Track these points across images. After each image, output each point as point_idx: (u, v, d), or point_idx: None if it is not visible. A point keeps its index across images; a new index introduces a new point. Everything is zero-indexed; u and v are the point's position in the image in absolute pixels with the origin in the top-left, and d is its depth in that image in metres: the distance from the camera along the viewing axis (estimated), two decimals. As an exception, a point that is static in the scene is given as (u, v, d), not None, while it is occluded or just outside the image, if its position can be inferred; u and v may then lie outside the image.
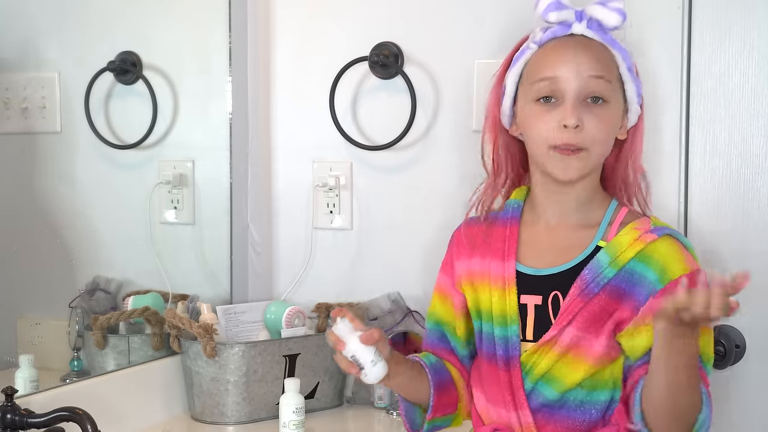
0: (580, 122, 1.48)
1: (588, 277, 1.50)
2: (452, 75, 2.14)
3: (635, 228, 1.52)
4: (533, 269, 1.55)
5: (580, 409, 1.50)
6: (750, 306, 1.89)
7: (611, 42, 1.54)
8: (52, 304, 1.94)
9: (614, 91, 1.52)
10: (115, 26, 2.08)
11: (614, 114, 1.53)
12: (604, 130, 1.50)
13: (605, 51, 1.53)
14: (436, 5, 2.15)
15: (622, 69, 1.54)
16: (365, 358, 1.46)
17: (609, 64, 1.52)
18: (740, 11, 1.88)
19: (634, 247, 1.49)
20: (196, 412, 2.04)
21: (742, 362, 1.90)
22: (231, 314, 2.13)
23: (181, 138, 2.20)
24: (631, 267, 1.49)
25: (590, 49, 1.52)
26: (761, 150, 1.88)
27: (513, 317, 1.53)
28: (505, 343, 1.54)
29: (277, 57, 2.31)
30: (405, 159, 2.20)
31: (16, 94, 1.87)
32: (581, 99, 1.49)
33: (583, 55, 1.50)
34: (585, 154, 1.50)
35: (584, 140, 1.49)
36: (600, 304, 1.49)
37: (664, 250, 1.50)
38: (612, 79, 1.52)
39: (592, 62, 1.50)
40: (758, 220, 1.88)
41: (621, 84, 1.55)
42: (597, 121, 1.49)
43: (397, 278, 2.20)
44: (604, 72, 1.50)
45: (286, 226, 2.32)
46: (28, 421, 1.49)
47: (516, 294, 1.54)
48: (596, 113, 1.50)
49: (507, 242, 1.58)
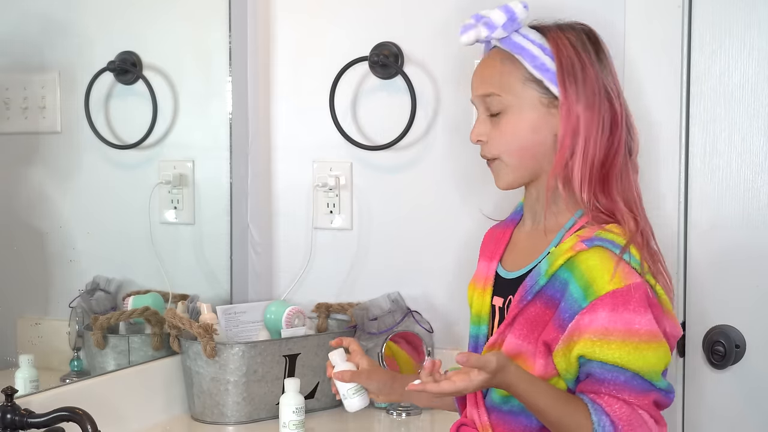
0: (482, 136, 1.55)
1: (528, 283, 1.48)
2: (452, 75, 2.14)
3: (578, 235, 1.47)
4: (505, 272, 1.57)
5: (524, 414, 1.47)
6: (750, 306, 1.90)
7: (513, 46, 1.52)
8: (52, 304, 1.94)
9: (512, 98, 1.51)
10: (115, 26, 2.08)
11: (515, 121, 1.52)
12: (503, 140, 1.53)
13: (503, 59, 1.53)
14: (436, 5, 2.15)
15: (530, 69, 1.51)
16: (343, 389, 1.64)
17: (502, 73, 1.52)
18: (740, 11, 1.88)
19: (566, 254, 1.45)
20: (196, 412, 2.04)
21: (742, 362, 1.90)
22: (231, 314, 2.13)
23: (181, 138, 2.20)
24: (560, 275, 1.45)
25: (486, 63, 1.56)
26: (761, 150, 1.88)
27: (484, 317, 1.57)
28: (475, 341, 1.59)
29: (277, 57, 2.31)
30: (405, 159, 2.20)
31: (16, 94, 1.87)
32: (486, 114, 1.55)
33: (479, 73, 1.57)
34: (499, 162, 1.55)
35: (490, 151, 1.55)
36: (535, 311, 1.47)
37: (592, 264, 1.43)
38: (505, 89, 1.52)
39: (481, 80, 1.56)
40: (758, 220, 1.88)
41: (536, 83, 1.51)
42: (496, 133, 1.53)
43: (397, 278, 2.20)
44: (490, 89, 1.53)
45: (286, 226, 2.32)
46: (28, 421, 1.49)
47: (491, 295, 1.57)
48: (495, 124, 1.54)
49: (497, 244, 1.61)
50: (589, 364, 1.41)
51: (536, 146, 1.53)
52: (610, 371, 1.40)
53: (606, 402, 1.39)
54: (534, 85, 1.51)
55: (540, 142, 1.52)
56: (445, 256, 2.16)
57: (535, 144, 1.53)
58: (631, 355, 1.39)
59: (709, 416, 1.92)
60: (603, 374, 1.40)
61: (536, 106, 1.52)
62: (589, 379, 1.42)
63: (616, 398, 1.40)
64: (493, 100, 1.53)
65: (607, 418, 1.38)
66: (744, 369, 1.90)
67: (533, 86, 1.51)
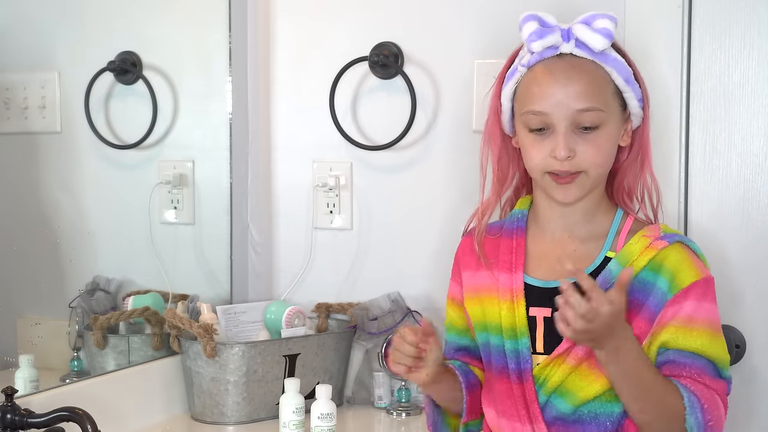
0: (571, 152, 1.48)
1: (601, 288, 1.45)
2: (452, 75, 2.14)
3: (645, 236, 1.51)
4: (541, 281, 1.54)
5: (594, 422, 1.48)
6: (750, 306, 1.90)
7: (603, 58, 1.50)
8: (52, 304, 1.94)
9: (608, 112, 1.50)
10: (115, 26, 2.08)
11: (610, 135, 1.51)
12: (599, 154, 1.50)
13: (596, 71, 1.50)
14: (436, 5, 2.15)
15: (619, 82, 1.51)
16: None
17: (600, 87, 1.49)
18: (740, 11, 1.88)
19: (646, 255, 1.48)
20: (196, 412, 2.04)
21: (742, 362, 1.90)
22: (231, 314, 2.13)
23: (181, 138, 2.20)
24: (644, 277, 1.47)
25: (579, 76, 1.48)
26: (761, 150, 1.88)
27: (523, 330, 1.52)
28: (517, 356, 1.52)
29: (277, 57, 2.31)
30: (405, 159, 2.20)
31: (16, 94, 1.87)
32: (572, 129, 1.48)
33: (572, 86, 1.47)
34: (583, 176, 1.50)
35: (579, 165, 1.49)
36: None
37: (675, 258, 1.48)
38: (604, 104, 1.49)
39: (581, 95, 1.47)
40: (758, 220, 1.88)
41: (618, 96, 1.52)
42: (590, 147, 1.49)
43: (397, 278, 2.20)
44: (593, 102, 1.47)
45: (286, 226, 2.32)
46: (28, 421, 1.49)
47: (525, 306, 1.53)
48: (589, 140, 1.49)
49: (515, 254, 1.57)
50: (668, 352, 1.46)
51: (613, 159, 1.55)
52: (689, 357, 1.45)
53: (691, 384, 1.44)
54: (617, 98, 1.52)
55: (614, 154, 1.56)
56: (445, 256, 2.15)
57: (613, 156, 1.55)
58: (709, 343, 1.46)
59: (709, 416, 1.92)
60: (684, 360, 1.45)
61: (619, 120, 1.54)
62: (669, 365, 1.46)
63: (697, 381, 1.45)
64: (592, 114, 1.48)
65: (695, 397, 1.43)
66: (744, 369, 1.90)
67: (617, 99, 1.52)
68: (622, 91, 1.52)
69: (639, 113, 1.56)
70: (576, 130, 1.48)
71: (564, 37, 1.49)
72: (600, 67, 1.50)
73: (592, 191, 1.53)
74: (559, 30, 1.50)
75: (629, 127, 1.56)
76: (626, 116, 1.55)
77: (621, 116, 1.53)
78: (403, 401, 2.09)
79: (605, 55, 1.50)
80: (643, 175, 1.59)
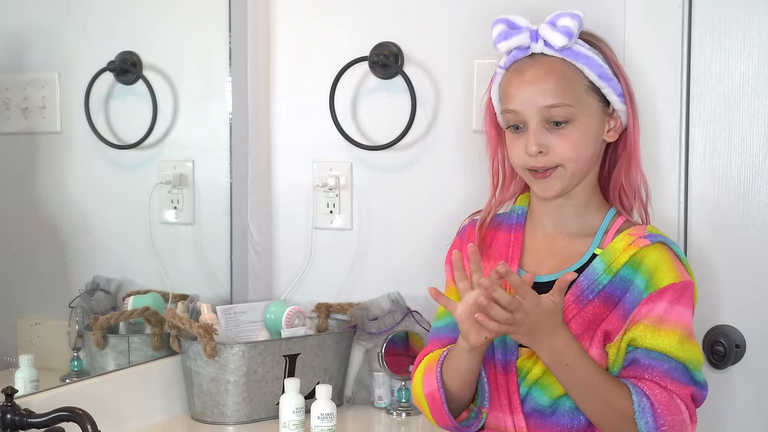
0: (543, 148, 1.52)
1: (583, 284, 1.51)
2: (452, 75, 2.14)
3: (629, 234, 1.54)
4: (537, 276, 1.55)
5: (569, 415, 1.50)
6: (750, 306, 1.90)
7: (573, 55, 1.53)
8: (52, 304, 1.94)
9: (579, 107, 1.52)
10: (115, 26, 2.08)
11: (583, 129, 1.53)
12: (572, 148, 1.53)
13: (565, 69, 1.53)
14: (436, 5, 2.15)
15: (592, 77, 1.54)
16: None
17: (569, 83, 1.52)
18: (740, 11, 1.88)
19: (627, 252, 1.51)
20: (196, 412, 2.04)
21: (742, 362, 1.90)
22: (231, 314, 2.13)
23: (181, 138, 2.20)
24: (623, 273, 1.50)
25: (547, 74, 1.52)
26: (761, 150, 1.88)
27: None
28: (503, 346, 1.55)
29: (277, 57, 2.31)
30: (405, 159, 2.20)
31: (16, 94, 1.87)
32: (543, 125, 1.52)
33: (540, 84, 1.52)
34: (561, 170, 1.53)
35: (553, 160, 1.53)
36: (593, 311, 1.50)
37: (655, 257, 1.50)
38: (574, 99, 1.52)
39: (548, 92, 1.51)
40: (758, 220, 1.88)
41: (596, 92, 1.55)
42: (563, 142, 1.52)
43: (397, 278, 2.20)
44: (561, 98, 1.51)
45: (286, 226, 2.32)
46: (28, 421, 1.49)
47: None
48: (561, 134, 1.52)
49: (511, 248, 1.61)
50: (636, 351, 1.46)
51: (595, 154, 1.57)
52: (655, 359, 1.45)
53: (647, 386, 1.44)
54: (594, 93, 1.55)
55: (598, 149, 1.58)
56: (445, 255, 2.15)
57: (595, 152, 1.57)
58: (679, 345, 1.46)
59: (709, 416, 1.91)
60: (648, 361, 1.45)
61: (598, 115, 1.56)
62: (633, 365, 1.46)
63: (658, 384, 1.45)
64: (560, 110, 1.51)
65: (647, 400, 1.43)
66: (744, 369, 1.90)
67: (593, 95, 1.55)
68: (599, 87, 1.54)
69: (623, 108, 1.58)
70: (548, 125, 1.52)
71: (532, 38, 1.54)
72: (570, 65, 1.53)
73: (576, 185, 1.56)
74: (527, 31, 1.54)
75: (617, 123, 1.59)
76: (610, 112, 1.57)
77: (601, 111, 1.56)
78: (403, 401, 2.09)
79: (575, 52, 1.53)
80: (631, 173, 1.61)
